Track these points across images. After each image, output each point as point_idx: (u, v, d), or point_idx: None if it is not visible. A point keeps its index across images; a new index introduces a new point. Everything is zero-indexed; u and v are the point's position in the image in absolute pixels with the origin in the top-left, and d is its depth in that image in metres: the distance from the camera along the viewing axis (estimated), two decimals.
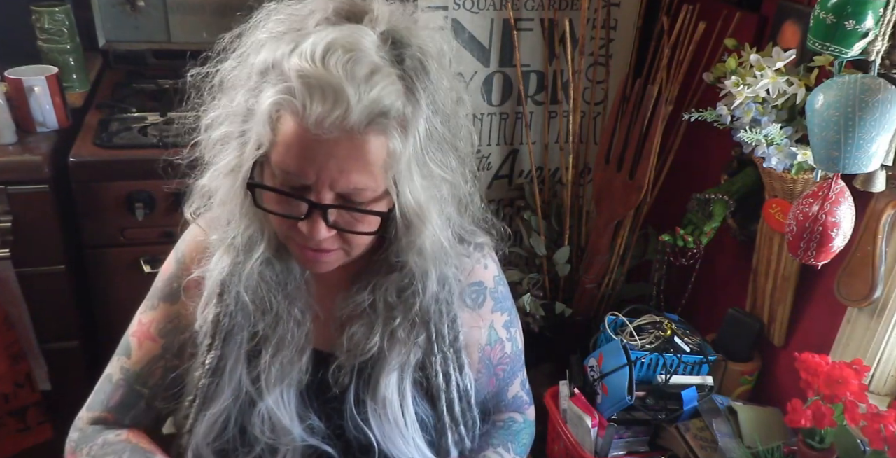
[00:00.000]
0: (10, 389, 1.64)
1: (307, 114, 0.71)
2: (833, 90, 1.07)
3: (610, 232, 1.81)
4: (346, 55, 0.72)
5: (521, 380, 1.08)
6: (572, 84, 1.82)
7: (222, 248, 0.89)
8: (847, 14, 1.02)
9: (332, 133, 0.71)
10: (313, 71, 0.71)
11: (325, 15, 0.77)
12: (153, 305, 0.96)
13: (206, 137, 0.84)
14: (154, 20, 2.18)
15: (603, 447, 1.49)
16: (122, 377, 0.95)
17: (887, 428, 1.10)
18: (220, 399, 0.90)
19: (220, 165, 0.82)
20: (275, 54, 0.75)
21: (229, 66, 0.82)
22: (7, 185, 1.57)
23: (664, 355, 1.52)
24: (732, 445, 1.37)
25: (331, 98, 0.70)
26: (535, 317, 1.86)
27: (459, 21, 1.78)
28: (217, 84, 0.83)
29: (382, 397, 0.90)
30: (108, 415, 0.95)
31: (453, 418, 0.96)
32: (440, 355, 0.93)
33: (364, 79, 0.71)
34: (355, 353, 0.90)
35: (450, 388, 0.94)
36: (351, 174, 0.74)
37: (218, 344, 0.90)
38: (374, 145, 0.73)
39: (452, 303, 0.93)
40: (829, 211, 1.13)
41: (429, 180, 0.80)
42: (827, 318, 1.41)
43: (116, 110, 1.88)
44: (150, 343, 0.94)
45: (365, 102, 0.71)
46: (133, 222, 1.72)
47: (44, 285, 1.66)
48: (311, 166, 0.73)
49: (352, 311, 0.90)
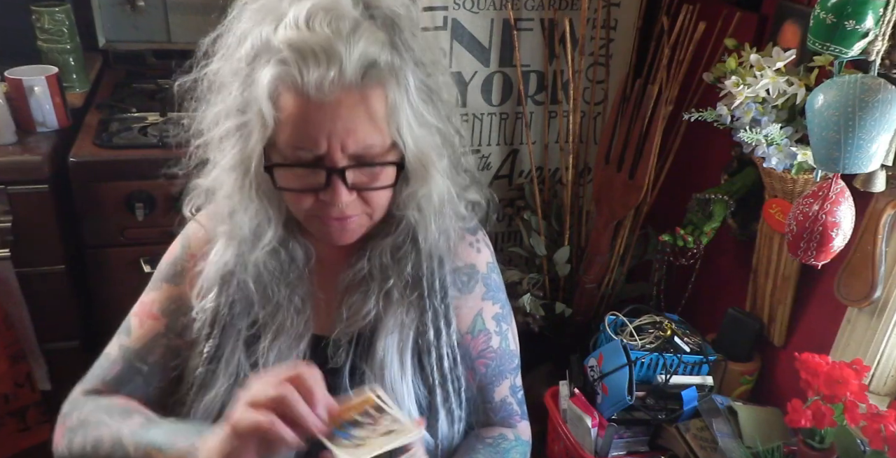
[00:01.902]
0: (10, 389, 1.64)
1: (305, 81, 0.73)
2: (833, 90, 1.07)
3: (610, 232, 1.81)
4: (328, 15, 0.75)
5: (511, 385, 1.04)
6: (572, 84, 1.82)
7: (224, 239, 0.89)
8: (847, 14, 1.02)
9: (333, 94, 0.74)
10: (301, 36, 0.74)
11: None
12: (156, 286, 0.96)
13: (205, 140, 0.85)
14: (154, 20, 2.18)
15: (603, 447, 1.49)
16: (120, 354, 0.95)
17: (887, 428, 1.10)
18: (216, 386, 0.90)
19: (224, 162, 0.83)
20: (260, 38, 0.77)
21: (215, 67, 0.83)
22: (7, 185, 1.57)
23: (664, 355, 1.52)
24: (732, 445, 1.37)
25: (324, 58, 0.73)
26: (535, 317, 1.86)
27: (459, 21, 1.78)
28: (206, 88, 0.84)
29: (380, 360, 0.91)
30: (102, 387, 0.94)
31: (442, 374, 0.95)
32: (431, 310, 0.93)
33: (350, 32, 0.74)
34: (353, 321, 0.91)
35: (440, 343, 0.94)
36: (358, 132, 0.76)
37: (217, 333, 0.91)
38: (374, 98, 0.76)
39: (444, 261, 0.94)
40: (829, 211, 1.13)
41: (426, 128, 0.83)
42: (827, 318, 1.41)
43: (116, 110, 1.88)
44: (152, 322, 0.94)
45: (356, 55, 0.74)
46: (133, 222, 1.72)
47: (44, 285, 1.67)
48: (322, 134, 0.76)
49: (350, 282, 0.92)
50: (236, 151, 0.81)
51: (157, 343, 0.94)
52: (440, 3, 1.74)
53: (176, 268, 0.96)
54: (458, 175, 0.92)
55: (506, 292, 1.04)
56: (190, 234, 0.97)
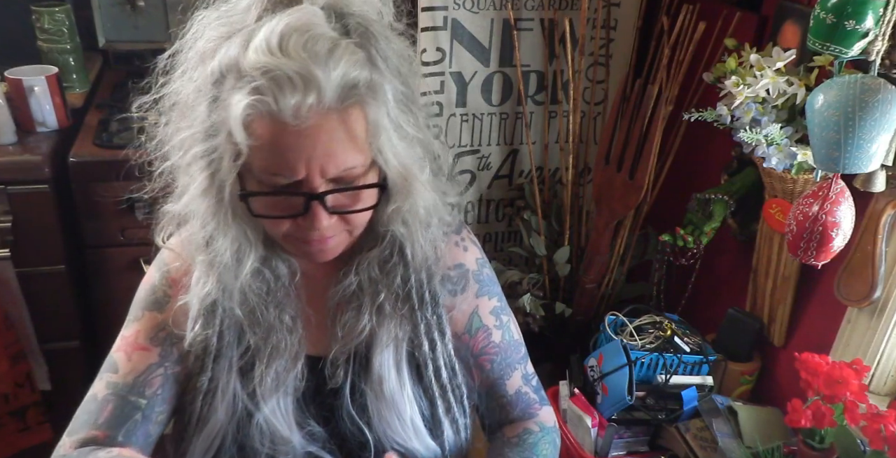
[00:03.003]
0: (10, 389, 1.64)
1: (281, 108, 0.69)
2: (833, 90, 1.06)
3: (610, 232, 1.81)
4: (303, 37, 0.69)
5: (522, 374, 1.02)
6: (572, 84, 1.82)
7: (203, 268, 0.85)
8: (847, 14, 1.02)
9: (311, 119, 0.70)
10: (276, 62, 0.68)
11: (262, 6, 0.74)
12: (137, 316, 0.91)
13: (173, 164, 0.81)
14: (154, 20, 2.18)
15: (603, 447, 1.49)
16: (110, 392, 0.87)
17: (887, 428, 1.10)
18: (213, 419, 0.88)
19: (194, 188, 0.78)
20: (227, 58, 0.72)
21: (177, 86, 0.78)
22: (7, 185, 1.57)
23: (664, 355, 1.52)
24: (732, 445, 1.37)
25: (301, 85, 0.68)
26: (535, 317, 1.86)
27: (459, 21, 1.78)
28: (168, 107, 0.80)
29: (378, 376, 0.89)
30: (97, 433, 0.86)
31: (441, 385, 0.94)
32: (423, 322, 0.91)
33: (327, 56, 0.69)
34: (348, 339, 0.89)
35: (436, 355, 0.93)
36: (338, 156, 0.73)
37: (209, 365, 0.87)
38: (353, 118, 0.72)
39: (434, 271, 0.91)
40: (829, 211, 1.13)
41: (406, 141, 0.79)
42: (827, 318, 1.40)
43: (116, 110, 1.88)
44: (142, 353, 0.89)
45: (335, 80, 0.69)
46: (133, 222, 1.72)
47: (44, 285, 1.67)
48: (300, 160, 0.72)
49: (340, 298, 0.89)
50: (206, 176, 0.77)
51: (153, 374, 0.88)
52: (440, 3, 1.74)
53: (157, 294, 0.90)
54: (440, 181, 0.89)
55: (500, 285, 1.02)
56: (167, 260, 0.92)
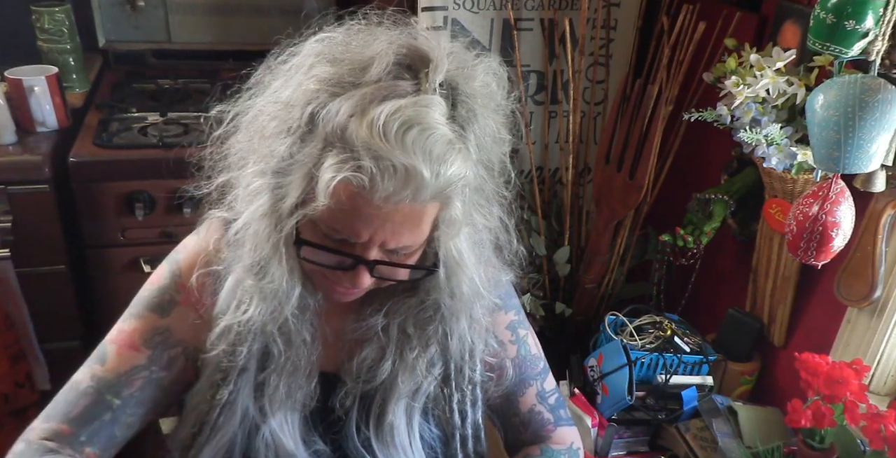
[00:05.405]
0: (10, 389, 1.64)
1: (375, 190, 0.69)
2: (833, 90, 1.06)
3: (610, 232, 1.81)
4: (424, 134, 0.69)
5: (537, 391, 0.99)
6: (572, 84, 1.82)
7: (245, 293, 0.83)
8: (847, 14, 1.02)
9: (397, 206, 0.70)
10: (389, 150, 0.67)
11: (385, 67, 0.72)
12: (138, 313, 0.90)
13: (233, 178, 0.81)
14: (154, 20, 2.18)
15: (603, 447, 1.49)
16: (91, 384, 0.87)
17: (887, 428, 1.10)
18: (226, 429, 0.88)
19: (253, 209, 0.78)
20: (335, 120, 0.70)
21: (262, 103, 0.78)
22: (7, 185, 1.57)
23: (664, 355, 1.52)
24: (732, 445, 1.37)
25: (402, 178, 0.68)
26: (535, 317, 1.86)
27: (459, 21, 1.78)
28: (249, 120, 0.80)
29: (389, 423, 0.89)
30: (64, 427, 0.86)
31: (465, 452, 0.95)
32: (458, 393, 0.91)
33: (440, 157, 0.69)
34: (365, 378, 0.88)
35: (465, 426, 0.94)
36: (403, 236, 0.74)
37: (232, 378, 0.86)
38: (430, 211, 0.74)
39: (476, 343, 0.91)
40: (829, 211, 1.13)
41: (471, 228, 0.80)
42: (827, 318, 1.40)
43: (116, 110, 1.88)
44: (132, 353, 0.88)
45: (441, 182, 0.70)
46: (133, 222, 1.72)
47: (44, 285, 1.67)
48: (367, 229, 0.73)
49: (363, 334, 0.88)
50: (269, 206, 0.77)
51: (134, 376, 0.87)
52: (440, 3, 1.74)
53: (164, 298, 0.89)
54: (501, 256, 0.89)
55: (517, 297, 1.01)
56: (181, 258, 0.91)
